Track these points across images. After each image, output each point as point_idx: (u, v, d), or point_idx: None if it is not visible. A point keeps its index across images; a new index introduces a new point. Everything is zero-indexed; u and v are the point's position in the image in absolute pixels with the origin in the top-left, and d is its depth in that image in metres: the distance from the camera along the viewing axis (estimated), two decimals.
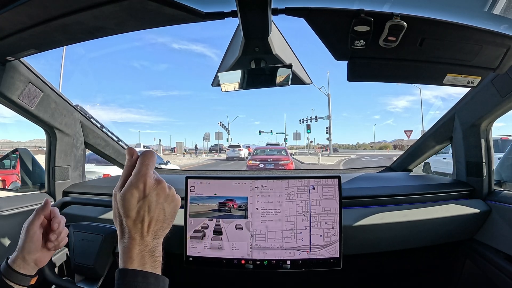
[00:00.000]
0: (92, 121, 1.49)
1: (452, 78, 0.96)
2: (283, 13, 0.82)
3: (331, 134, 27.07)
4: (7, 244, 1.10)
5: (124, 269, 0.48)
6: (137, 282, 0.47)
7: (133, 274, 0.48)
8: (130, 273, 0.48)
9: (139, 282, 0.47)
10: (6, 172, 3.67)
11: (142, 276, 0.48)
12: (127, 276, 0.48)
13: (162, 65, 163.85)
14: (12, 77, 1.04)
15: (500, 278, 1.11)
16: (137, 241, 0.50)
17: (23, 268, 0.67)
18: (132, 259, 0.48)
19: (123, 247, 0.50)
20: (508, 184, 1.31)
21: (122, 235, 0.51)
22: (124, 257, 0.49)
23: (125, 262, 0.49)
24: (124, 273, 0.48)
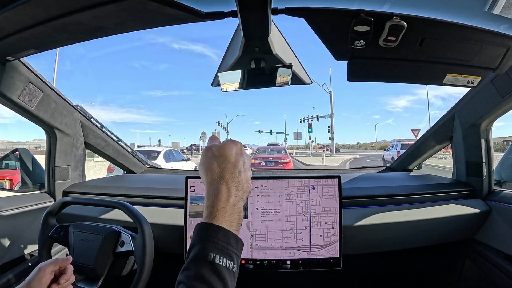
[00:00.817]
0: (92, 121, 1.49)
1: (452, 78, 0.95)
2: (283, 13, 0.82)
3: (333, 133, 25.57)
4: (7, 245, 1.10)
5: (207, 223, 0.46)
6: (218, 239, 0.45)
7: (215, 229, 0.45)
8: (213, 228, 0.45)
9: (219, 240, 0.45)
10: (12, 173, 3.67)
11: (224, 234, 0.46)
12: (209, 230, 0.45)
13: (162, 65, 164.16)
14: (12, 77, 1.04)
15: (500, 278, 1.11)
16: (226, 194, 0.48)
17: None
18: (217, 213, 0.46)
19: (211, 199, 0.48)
20: (508, 184, 1.31)
21: (212, 183, 0.49)
22: (209, 210, 0.47)
23: (209, 216, 0.47)
24: (207, 227, 0.45)
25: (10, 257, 1.10)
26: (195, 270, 0.42)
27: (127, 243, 0.98)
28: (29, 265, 1.14)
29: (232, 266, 0.44)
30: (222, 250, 0.44)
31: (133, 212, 1.00)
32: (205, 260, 0.42)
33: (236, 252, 0.46)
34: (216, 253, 0.43)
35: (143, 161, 1.90)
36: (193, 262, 0.43)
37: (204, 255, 0.43)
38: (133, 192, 1.35)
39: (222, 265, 0.43)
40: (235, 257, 0.46)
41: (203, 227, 0.46)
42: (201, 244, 0.44)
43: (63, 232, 1.03)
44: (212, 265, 0.42)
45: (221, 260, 0.43)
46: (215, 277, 0.42)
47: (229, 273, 0.43)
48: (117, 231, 1.00)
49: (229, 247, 0.45)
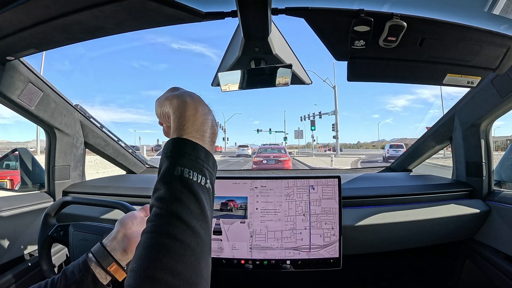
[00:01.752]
0: (92, 121, 1.49)
1: (452, 78, 0.95)
2: (283, 13, 0.82)
3: (338, 131, 23.21)
4: (7, 244, 1.10)
5: (173, 138, 0.41)
6: (185, 152, 0.40)
7: (182, 143, 0.40)
8: (179, 141, 0.41)
9: (186, 153, 0.40)
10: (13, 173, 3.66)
11: (192, 146, 0.41)
12: (174, 144, 0.40)
13: (162, 65, 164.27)
14: (12, 77, 1.04)
15: (500, 278, 1.11)
16: (193, 105, 0.43)
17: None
18: (186, 123, 0.41)
19: (179, 110, 0.42)
20: (508, 184, 1.31)
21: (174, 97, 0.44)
22: (177, 122, 0.42)
23: (177, 128, 0.42)
24: (173, 142, 0.41)
25: (9, 257, 1.10)
26: (164, 188, 0.38)
27: None
28: (29, 265, 1.14)
29: (204, 181, 0.40)
30: (191, 164, 0.39)
31: None
32: (172, 175, 0.38)
33: (206, 167, 0.41)
34: (185, 167, 0.39)
35: (142, 161, 1.90)
36: (161, 181, 0.39)
37: (171, 170, 0.39)
38: (132, 192, 1.35)
39: (192, 179, 0.39)
40: (206, 172, 0.41)
41: (169, 142, 0.41)
42: (167, 160, 0.40)
43: (63, 232, 1.03)
44: (181, 180, 0.38)
45: (190, 173, 0.39)
46: (186, 192, 0.38)
47: (201, 188, 0.39)
48: None
49: (198, 161, 0.40)
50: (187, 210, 0.37)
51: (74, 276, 0.54)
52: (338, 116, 21.81)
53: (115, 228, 0.62)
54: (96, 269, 0.56)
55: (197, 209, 0.38)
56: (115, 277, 0.58)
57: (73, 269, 0.56)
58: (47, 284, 0.54)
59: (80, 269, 0.56)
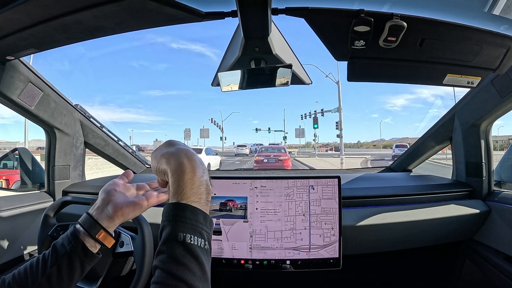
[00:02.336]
0: (92, 120, 1.49)
1: (452, 79, 0.96)
2: (283, 13, 0.82)
3: (342, 130, 20.60)
4: (6, 244, 1.10)
5: (174, 202, 0.45)
6: (186, 217, 0.44)
7: (182, 208, 0.44)
8: (180, 206, 0.44)
9: (187, 219, 0.44)
10: (9, 172, 3.68)
11: (191, 211, 0.44)
12: (176, 209, 0.44)
13: (161, 65, 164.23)
14: (11, 77, 1.04)
15: (500, 279, 1.11)
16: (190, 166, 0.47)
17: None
18: (184, 187, 0.45)
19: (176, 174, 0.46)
20: (508, 184, 1.32)
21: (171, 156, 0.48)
22: (175, 185, 0.46)
23: (176, 192, 0.45)
24: (174, 207, 0.45)
25: (9, 257, 1.10)
26: (168, 252, 0.41)
27: (127, 244, 0.97)
28: None
29: (204, 244, 0.43)
30: (192, 229, 0.43)
31: None
32: (176, 240, 0.42)
33: (205, 229, 0.45)
34: (187, 232, 0.42)
35: (142, 161, 1.90)
36: (165, 245, 0.42)
37: (174, 235, 0.42)
38: None
39: (193, 243, 0.42)
40: (205, 234, 0.45)
41: (170, 207, 0.45)
42: (170, 225, 0.43)
43: (62, 231, 1.03)
44: (184, 245, 0.41)
45: (192, 238, 0.42)
46: (189, 256, 0.41)
47: (202, 251, 0.43)
48: (116, 231, 1.00)
49: (198, 225, 0.44)
50: (191, 274, 0.40)
51: (64, 248, 0.55)
52: (342, 113, 20.08)
53: (99, 197, 0.62)
54: (85, 239, 0.57)
55: (199, 271, 0.41)
56: (104, 244, 0.59)
57: (62, 241, 0.57)
58: (38, 260, 0.55)
59: (69, 240, 0.56)
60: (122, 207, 0.59)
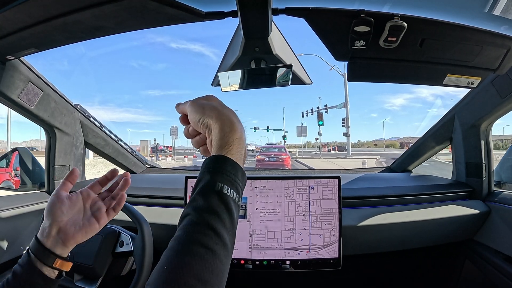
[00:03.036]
0: (92, 120, 1.49)
1: (452, 79, 0.96)
2: (283, 13, 0.82)
3: (349, 127, 17.69)
4: (6, 244, 1.10)
5: (217, 155, 0.44)
6: (226, 170, 0.43)
7: (224, 160, 0.44)
8: (222, 159, 0.44)
9: (227, 171, 0.43)
10: None
11: (232, 165, 0.44)
12: (218, 161, 0.44)
13: (161, 65, 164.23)
14: (12, 76, 1.04)
15: (499, 279, 1.11)
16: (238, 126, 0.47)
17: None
18: (232, 144, 0.45)
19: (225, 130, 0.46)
20: (508, 185, 1.31)
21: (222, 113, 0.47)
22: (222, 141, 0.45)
23: (221, 147, 0.45)
24: (216, 159, 0.44)
25: (9, 256, 1.10)
26: (203, 200, 0.41)
27: (127, 244, 0.98)
28: None
29: (237, 199, 0.44)
30: (230, 181, 0.43)
31: (133, 212, 1.00)
32: (213, 190, 0.41)
33: (241, 186, 0.45)
34: (224, 183, 0.42)
35: (142, 160, 1.90)
36: (201, 193, 0.42)
37: (212, 185, 0.42)
38: (132, 192, 1.35)
39: (229, 196, 0.42)
40: (240, 190, 0.45)
41: (212, 159, 0.44)
42: (209, 175, 0.43)
43: None
44: (220, 195, 0.41)
45: (228, 190, 0.42)
46: (222, 207, 0.41)
47: (235, 205, 0.43)
48: (116, 231, 1.00)
49: (236, 179, 0.44)
50: (222, 223, 0.40)
51: (23, 276, 0.53)
52: (349, 109, 18.07)
53: (45, 219, 0.57)
54: (42, 268, 0.54)
55: (229, 223, 0.41)
56: (62, 270, 0.57)
57: (21, 269, 0.54)
58: (3, 286, 0.53)
59: (26, 270, 0.54)
60: (74, 235, 0.57)
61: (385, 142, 54.72)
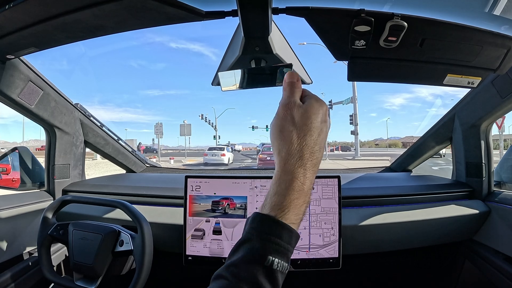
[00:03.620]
0: (92, 119, 1.49)
1: (452, 79, 0.95)
2: (284, 13, 0.82)
3: (357, 125, 15.57)
4: (6, 243, 1.10)
5: (272, 217, 0.38)
6: (281, 240, 0.37)
7: (281, 228, 0.38)
8: (279, 226, 0.38)
9: (282, 241, 0.37)
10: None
11: (288, 233, 0.38)
12: (272, 228, 0.37)
13: (160, 64, 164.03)
14: (12, 76, 1.04)
15: (499, 279, 1.11)
16: (302, 180, 0.39)
17: None
18: (289, 206, 0.38)
19: (283, 186, 0.39)
20: (508, 185, 1.31)
21: (287, 163, 0.40)
22: (278, 199, 0.38)
23: (277, 207, 0.38)
24: (270, 223, 0.38)
25: (9, 256, 1.10)
26: (247, 272, 0.35)
27: (127, 243, 0.98)
28: (28, 264, 1.14)
29: (286, 268, 0.38)
30: (283, 253, 0.37)
31: (132, 211, 1.00)
32: (262, 264, 0.36)
33: (291, 251, 0.39)
34: (275, 257, 0.36)
35: (142, 160, 1.90)
36: (247, 263, 0.36)
37: (262, 258, 0.36)
38: (132, 191, 1.35)
39: (278, 270, 0.36)
40: (290, 256, 0.39)
41: (266, 221, 0.38)
42: (260, 243, 0.37)
43: (62, 231, 1.03)
44: (268, 270, 0.36)
45: (279, 264, 0.37)
46: (267, 281, 0.36)
47: (282, 275, 0.38)
48: (116, 230, 1.00)
49: (289, 249, 0.38)
50: None
51: None
52: (357, 105, 15.58)
53: None
54: None
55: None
56: None
57: None
58: None
59: None
60: None
61: (388, 142, 53.65)
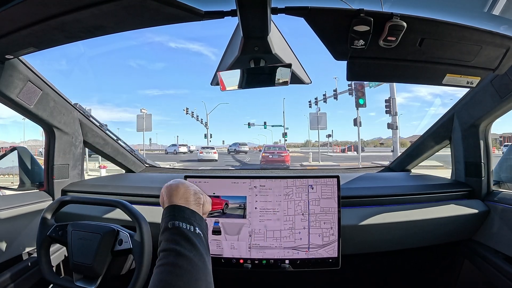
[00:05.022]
0: (91, 119, 1.49)
1: (452, 79, 0.95)
2: (283, 13, 0.82)
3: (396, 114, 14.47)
4: (5, 243, 1.09)
5: (171, 205, 0.62)
6: (174, 212, 0.59)
7: (170, 208, 0.61)
8: (168, 207, 0.61)
9: (175, 213, 0.59)
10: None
11: (177, 208, 0.60)
12: (165, 210, 0.61)
13: (159, 64, 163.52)
14: (11, 76, 1.04)
15: (499, 279, 1.12)
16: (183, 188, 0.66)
17: None
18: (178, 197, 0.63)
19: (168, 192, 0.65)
20: (507, 184, 1.32)
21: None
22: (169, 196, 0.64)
23: (170, 200, 0.63)
24: (165, 209, 0.61)
25: (8, 256, 1.10)
26: (165, 237, 0.56)
27: (126, 242, 0.97)
28: (28, 264, 1.14)
29: (193, 229, 0.57)
30: (182, 218, 0.58)
31: (132, 210, 1.00)
32: (168, 228, 0.57)
33: (193, 220, 0.59)
34: (175, 220, 0.57)
35: (142, 160, 1.90)
36: (162, 234, 0.57)
37: (166, 225, 0.57)
38: (132, 191, 1.35)
39: (183, 227, 0.56)
40: (194, 223, 0.59)
41: (166, 208, 0.61)
42: (165, 219, 0.59)
43: (61, 231, 1.03)
44: (176, 229, 0.56)
45: (180, 224, 0.56)
46: (179, 237, 0.55)
47: (193, 234, 0.56)
48: (115, 229, 1.00)
49: (185, 215, 0.59)
50: (179, 245, 0.54)
51: None
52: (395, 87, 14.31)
53: None
54: None
55: (188, 245, 0.55)
56: None
57: None
58: None
59: None
60: None
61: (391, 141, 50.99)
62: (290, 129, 40.26)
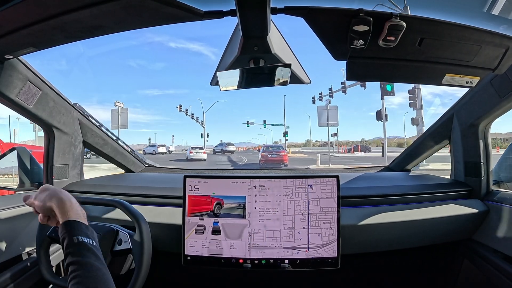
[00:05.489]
0: (91, 119, 1.49)
1: (451, 78, 0.96)
2: (282, 12, 0.82)
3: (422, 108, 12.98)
4: (5, 243, 1.09)
5: (66, 220, 0.69)
6: (66, 226, 0.67)
7: (64, 224, 0.68)
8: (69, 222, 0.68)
9: (67, 227, 0.67)
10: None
11: (85, 226, 0.69)
12: (67, 224, 0.68)
13: (159, 64, 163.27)
14: (10, 76, 1.04)
15: (498, 278, 1.12)
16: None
17: None
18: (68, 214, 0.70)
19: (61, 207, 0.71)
20: (506, 184, 1.32)
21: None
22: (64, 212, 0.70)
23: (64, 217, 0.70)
24: (67, 223, 0.68)
25: (8, 256, 1.10)
26: (72, 251, 0.63)
27: (125, 241, 0.98)
28: (27, 265, 1.14)
29: (92, 242, 0.66)
30: (83, 234, 0.66)
31: (131, 210, 1.00)
32: (74, 243, 0.64)
33: (90, 233, 0.68)
34: (79, 235, 0.65)
35: (141, 160, 1.90)
36: (67, 246, 0.64)
37: (72, 239, 0.64)
38: (131, 191, 1.35)
39: (85, 241, 0.65)
40: (91, 236, 0.67)
41: (64, 223, 0.68)
42: (68, 234, 0.65)
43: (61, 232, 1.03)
44: (81, 244, 0.64)
45: (83, 239, 0.65)
46: (86, 251, 0.63)
47: (95, 248, 0.65)
48: (114, 229, 1.00)
49: (83, 230, 0.67)
50: (90, 258, 0.63)
51: None
52: None
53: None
54: None
55: (94, 257, 0.64)
56: None
57: None
58: None
59: None
60: None
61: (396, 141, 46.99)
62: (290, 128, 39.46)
